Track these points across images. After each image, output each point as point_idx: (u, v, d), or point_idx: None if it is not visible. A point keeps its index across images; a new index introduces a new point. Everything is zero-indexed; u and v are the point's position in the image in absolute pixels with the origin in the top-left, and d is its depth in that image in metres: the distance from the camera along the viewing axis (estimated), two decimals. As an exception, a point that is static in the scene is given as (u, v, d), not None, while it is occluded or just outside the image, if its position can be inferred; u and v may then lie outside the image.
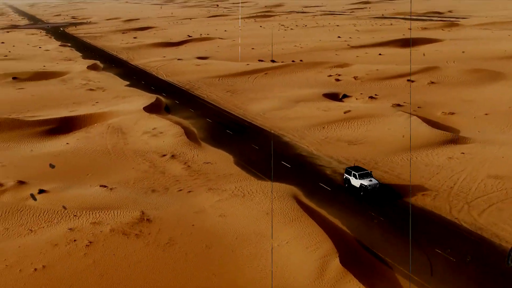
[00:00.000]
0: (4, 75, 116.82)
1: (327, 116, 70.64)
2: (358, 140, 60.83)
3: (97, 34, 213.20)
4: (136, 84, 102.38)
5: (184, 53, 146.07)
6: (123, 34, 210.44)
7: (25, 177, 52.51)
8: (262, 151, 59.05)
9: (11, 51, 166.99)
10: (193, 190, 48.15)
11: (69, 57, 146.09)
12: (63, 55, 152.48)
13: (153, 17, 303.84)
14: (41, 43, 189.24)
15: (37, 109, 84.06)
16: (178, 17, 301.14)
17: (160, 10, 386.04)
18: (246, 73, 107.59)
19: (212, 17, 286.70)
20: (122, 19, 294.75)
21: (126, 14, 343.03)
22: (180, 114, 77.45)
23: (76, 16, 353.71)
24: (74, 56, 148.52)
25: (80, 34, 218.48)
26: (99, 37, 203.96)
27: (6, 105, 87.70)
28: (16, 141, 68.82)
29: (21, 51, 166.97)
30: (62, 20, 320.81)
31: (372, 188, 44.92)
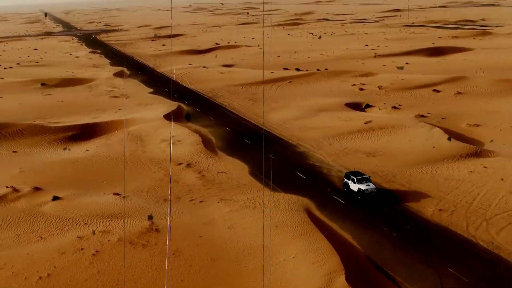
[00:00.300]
0: (34, 81, 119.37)
1: (347, 126, 69.47)
2: (377, 151, 59.50)
3: (127, 41, 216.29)
4: (159, 92, 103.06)
5: (210, 60, 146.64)
6: (152, 42, 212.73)
7: (42, 184, 53.13)
8: (278, 161, 58.31)
9: (42, 58, 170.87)
10: (205, 200, 47.76)
11: (97, 64, 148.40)
12: (92, 61, 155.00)
13: (183, 25, 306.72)
14: (72, 49, 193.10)
15: (62, 115, 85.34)
16: (208, 24, 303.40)
17: (191, 18, 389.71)
18: (270, 82, 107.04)
19: (242, 25, 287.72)
20: (153, 26, 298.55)
21: (157, 21, 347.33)
22: (200, 122, 77.40)
23: (108, 24, 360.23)
24: (102, 63, 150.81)
25: (111, 41, 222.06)
26: (128, 44, 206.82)
27: (32, 110, 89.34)
28: (38, 147, 69.90)
29: (52, 57, 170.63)
30: (94, 27, 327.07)
31: (370, 192, 45.84)
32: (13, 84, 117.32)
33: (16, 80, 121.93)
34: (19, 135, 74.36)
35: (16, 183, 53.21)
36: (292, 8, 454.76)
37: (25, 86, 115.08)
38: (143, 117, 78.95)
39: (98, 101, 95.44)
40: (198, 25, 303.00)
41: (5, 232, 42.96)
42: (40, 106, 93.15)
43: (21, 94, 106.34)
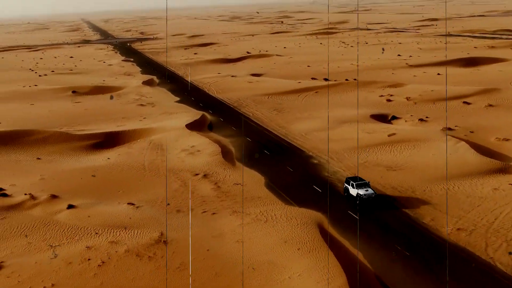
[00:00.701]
0: (66, 88, 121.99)
1: (370, 138, 67.94)
2: (398, 165, 57.83)
3: (160, 50, 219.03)
4: (185, 101, 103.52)
5: (240, 69, 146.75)
6: (185, 50, 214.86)
7: (60, 191, 53.68)
8: (296, 173, 57.40)
9: (77, 65, 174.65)
10: (217, 213, 47.22)
11: (129, 72, 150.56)
12: (124, 70, 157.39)
13: (218, 33, 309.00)
14: (106, 58, 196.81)
15: (88, 123, 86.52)
16: (241, 33, 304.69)
17: (225, 27, 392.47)
18: (297, 91, 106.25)
19: (275, 34, 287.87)
20: (187, 35, 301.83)
21: (191, 30, 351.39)
22: (222, 132, 77.15)
23: (144, 32, 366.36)
24: (134, 71, 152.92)
25: (145, 50, 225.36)
26: (161, 52, 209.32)
27: (60, 118, 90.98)
28: (61, 154, 70.90)
29: (86, 65, 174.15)
30: (130, 36, 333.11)
31: (368, 197, 47.19)
32: (46, 92, 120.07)
33: (49, 87, 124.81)
34: (44, 142, 75.66)
35: (34, 190, 53.92)
36: (327, 17, 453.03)
37: (57, 94, 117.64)
38: (165, 126, 79.25)
39: (124, 109, 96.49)
40: (231, 33, 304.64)
41: (18, 239, 43.37)
42: (68, 114, 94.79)
43: (52, 101, 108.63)
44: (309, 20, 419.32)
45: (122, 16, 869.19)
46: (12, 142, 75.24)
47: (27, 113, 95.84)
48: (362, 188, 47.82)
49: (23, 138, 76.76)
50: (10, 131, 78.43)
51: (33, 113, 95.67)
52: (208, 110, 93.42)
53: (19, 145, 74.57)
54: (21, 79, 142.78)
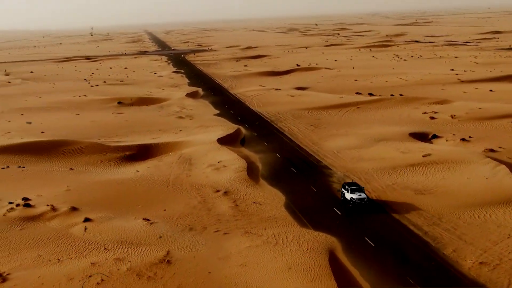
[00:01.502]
0: (112, 99, 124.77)
1: (403, 159, 64.84)
2: (428, 189, 54.59)
3: (211, 62, 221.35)
4: (224, 114, 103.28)
5: (286, 83, 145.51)
6: (236, 62, 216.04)
7: (81, 203, 54.14)
8: (319, 194, 55.34)
9: (129, 76, 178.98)
10: (229, 232, 45.99)
11: (176, 84, 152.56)
12: (172, 81, 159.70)
13: (271, 46, 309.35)
14: (158, 69, 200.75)
15: (125, 134, 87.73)
16: (295, 45, 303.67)
17: (281, 39, 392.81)
18: (338, 106, 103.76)
19: (329, 46, 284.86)
20: (241, 47, 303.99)
21: (246, 42, 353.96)
22: (252, 148, 76.05)
23: (200, 43, 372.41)
24: (181, 83, 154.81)
25: (197, 61, 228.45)
26: (212, 64, 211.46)
27: (100, 128, 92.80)
28: (94, 166, 71.97)
29: (138, 76, 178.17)
30: (187, 47, 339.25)
31: (360, 201, 49.71)
32: (93, 102, 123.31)
33: (97, 98, 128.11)
34: (80, 152, 77.20)
35: (57, 201, 54.68)
36: (385, 29, 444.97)
37: (103, 104, 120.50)
38: (198, 140, 79.02)
39: (163, 121, 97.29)
40: (285, 46, 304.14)
41: (30, 251, 43.80)
42: (109, 124, 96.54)
43: (96, 112, 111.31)
44: (366, 33, 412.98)
45: (183, 28, 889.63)
46: (50, 152, 77.26)
47: (70, 123, 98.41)
48: (355, 192, 50.44)
49: (61, 148, 78.69)
50: (49, 141, 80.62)
51: (76, 123, 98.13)
52: (245, 124, 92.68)
53: (56, 155, 76.44)
54: (74, 89, 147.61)
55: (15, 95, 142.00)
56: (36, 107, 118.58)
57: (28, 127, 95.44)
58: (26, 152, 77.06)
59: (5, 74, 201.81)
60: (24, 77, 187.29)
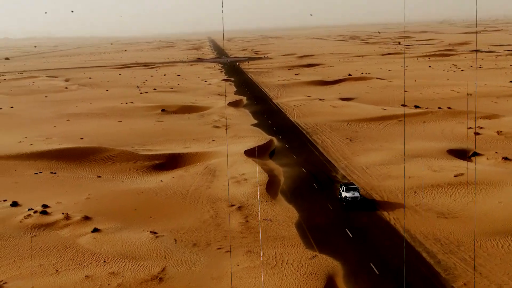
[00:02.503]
0: (156, 107, 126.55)
1: (433, 178, 61.10)
2: (453, 212, 50.95)
3: (264, 70, 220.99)
4: (262, 124, 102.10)
5: (332, 92, 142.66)
6: (288, 71, 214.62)
7: (95, 213, 54.46)
8: (335, 212, 52.92)
9: (179, 84, 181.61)
10: (232, 251, 44.58)
11: (222, 92, 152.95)
12: (220, 89, 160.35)
13: (328, 54, 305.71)
14: (209, 76, 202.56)
15: (159, 143, 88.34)
16: (352, 54, 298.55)
17: (340, 47, 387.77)
18: (379, 119, 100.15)
19: (386, 55, 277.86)
20: (297, 55, 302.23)
21: (304, 50, 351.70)
22: (280, 160, 74.32)
23: (258, 51, 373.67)
24: (228, 91, 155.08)
25: (250, 69, 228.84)
26: (264, 72, 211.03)
27: (137, 136, 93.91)
28: (122, 174, 72.66)
29: (189, 84, 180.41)
30: (243, 55, 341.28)
31: (352, 200, 53.23)
32: (138, 109, 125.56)
33: (143, 105, 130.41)
34: (111, 160, 78.30)
35: (73, 210, 55.30)
36: (449, 38, 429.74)
37: (147, 111, 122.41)
38: (224, 151, 77.97)
39: (199, 131, 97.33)
40: (342, 54, 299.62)
41: (34, 260, 44.18)
42: (146, 132, 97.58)
43: (138, 119, 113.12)
44: (429, 41, 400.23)
45: (246, 35, 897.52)
46: (82, 159, 78.84)
47: (110, 130, 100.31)
48: (350, 191, 54.05)
49: (94, 155, 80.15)
50: (83, 148, 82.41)
51: (116, 130, 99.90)
52: (279, 135, 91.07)
53: (88, 162, 77.88)
54: (123, 95, 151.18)
55: (68, 100, 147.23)
56: (83, 113, 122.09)
57: (69, 133, 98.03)
58: (60, 158, 79.00)
59: (65, 80, 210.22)
60: (81, 83, 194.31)
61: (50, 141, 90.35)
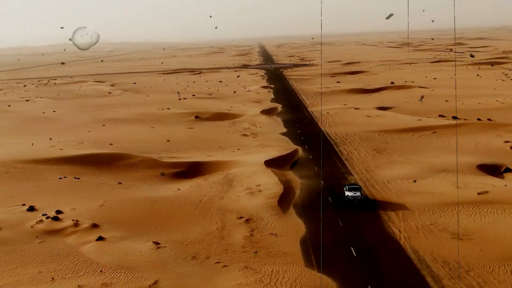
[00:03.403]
0: (191, 113, 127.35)
1: (455, 195, 57.82)
2: (469, 233, 47.98)
3: (306, 77, 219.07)
4: (290, 133, 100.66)
5: (370, 101, 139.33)
6: (331, 78, 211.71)
7: (104, 220, 54.76)
8: (344, 229, 50.94)
9: (219, 90, 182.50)
10: (228, 266, 43.59)
11: (259, 99, 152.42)
12: (257, 96, 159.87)
13: (375, 61, 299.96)
14: (250, 83, 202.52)
15: (185, 150, 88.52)
16: (399, 61, 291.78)
17: (388, 54, 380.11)
18: (413, 130, 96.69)
19: (435, 63, 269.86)
20: (342, 62, 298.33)
21: (351, 57, 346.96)
22: (300, 172, 72.69)
23: (304, 58, 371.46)
24: (264, 99, 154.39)
25: (292, 76, 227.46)
26: (305, 80, 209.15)
27: (165, 143, 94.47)
28: (142, 181, 73.03)
29: (228, 90, 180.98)
30: (289, 62, 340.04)
31: (354, 198, 56.90)
32: (172, 115, 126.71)
33: (178, 111, 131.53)
34: (134, 167, 78.96)
35: (84, 217, 55.79)
36: (505, 45, 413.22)
37: (181, 118, 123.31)
38: (248, 160, 77.31)
39: (226, 138, 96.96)
40: (389, 61, 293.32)
41: (35, 267, 44.61)
42: (175, 139, 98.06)
43: (171, 125, 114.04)
44: (483, 48, 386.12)
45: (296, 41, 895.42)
46: (107, 164, 79.90)
47: (140, 136, 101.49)
48: (352, 191, 57.86)
49: (119, 161, 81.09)
50: (109, 154, 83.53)
51: (146, 137, 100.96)
52: (306, 145, 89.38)
53: (112, 168, 78.84)
54: (162, 101, 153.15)
55: (108, 105, 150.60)
56: (119, 118, 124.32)
57: (100, 138, 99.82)
58: (86, 163, 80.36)
59: (111, 85, 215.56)
60: (124, 88, 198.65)
61: (80, 146, 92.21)
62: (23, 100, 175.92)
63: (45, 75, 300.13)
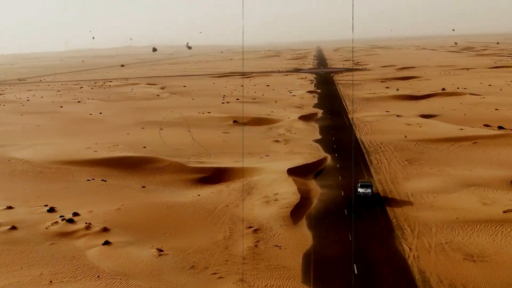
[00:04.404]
0: (230, 117, 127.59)
1: (479, 212, 54.58)
2: (484, 255, 44.84)
3: (355, 82, 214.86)
4: (324, 140, 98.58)
5: (415, 108, 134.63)
6: (381, 83, 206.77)
7: (117, 225, 55.29)
8: (350, 244, 48.86)
9: (264, 94, 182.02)
10: (224, 277, 42.79)
11: (302, 105, 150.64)
12: (300, 102, 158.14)
13: (431, 66, 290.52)
14: (297, 88, 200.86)
15: (214, 155, 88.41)
16: (456, 66, 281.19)
17: (447, 59, 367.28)
18: (452, 140, 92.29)
19: (494, 68, 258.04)
20: (397, 67, 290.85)
21: (407, 61, 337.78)
22: (323, 181, 70.78)
23: (359, 62, 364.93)
24: (307, 104, 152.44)
25: (341, 81, 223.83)
26: (355, 85, 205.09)
27: (197, 147, 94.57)
28: (165, 185, 73.52)
29: (272, 95, 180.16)
30: (342, 66, 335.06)
31: (364, 195, 61.29)
32: (211, 119, 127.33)
33: (218, 115, 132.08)
34: (160, 171, 79.68)
35: (98, 220, 56.57)
36: None
37: (219, 122, 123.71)
38: (271, 167, 76.18)
39: (258, 144, 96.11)
40: (446, 67, 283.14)
41: (37, 269, 45.44)
42: (207, 144, 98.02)
43: (207, 129, 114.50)
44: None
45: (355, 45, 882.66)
46: (134, 168, 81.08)
47: (174, 140, 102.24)
48: (363, 188, 61.96)
49: (146, 165, 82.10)
50: (138, 157, 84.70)
51: (179, 140, 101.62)
52: (336, 153, 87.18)
53: (139, 171, 79.90)
54: (205, 105, 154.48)
55: (153, 108, 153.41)
56: (160, 121, 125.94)
57: (136, 141, 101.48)
58: (116, 166, 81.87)
59: (161, 88, 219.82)
60: (173, 91, 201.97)
61: (114, 148, 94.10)
62: (75, 101, 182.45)
63: (103, 77, 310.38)
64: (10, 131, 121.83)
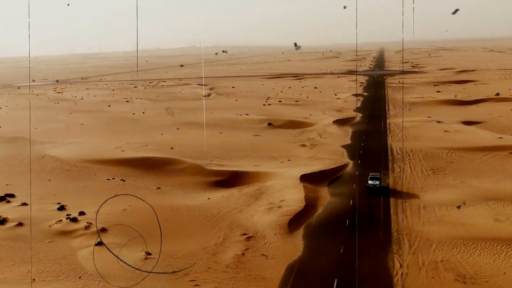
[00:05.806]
0: (266, 120, 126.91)
1: (488, 229, 51.06)
2: (479, 277, 41.74)
3: (406, 85, 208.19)
4: (352, 146, 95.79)
5: (460, 114, 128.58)
6: (433, 87, 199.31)
7: (116, 226, 55.88)
8: (343, 259, 46.91)
9: (309, 97, 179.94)
10: (200, 285, 42.27)
11: (342, 108, 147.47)
12: (342, 105, 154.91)
13: (493, 69, 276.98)
14: (344, 90, 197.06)
15: (238, 158, 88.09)
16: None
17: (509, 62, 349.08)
18: (488, 149, 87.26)
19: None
20: (455, 70, 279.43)
21: (468, 64, 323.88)
22: (335, 189, 68.66)
23: (417, 64, 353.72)
24: (348, 107, 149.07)
25: (392, 84, 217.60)
26: (405, 88, 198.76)
27: (222, 149, 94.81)
28: (181, 187, 73.92)
29: (317, 97, 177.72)
30: (399, 68, 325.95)
31: (373, 186, 65.89)
32: (247, 121, 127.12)
33: (254, 117, 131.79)
34: (179, 172, 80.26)
35: (101, 220, 57.29)
36: None
37: (254, 124, 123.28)
38: (286, 172, 74.83)
39: (283, 148, 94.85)
40: (508, 70, 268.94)
41: (27, 266, 46.56)
42: (233, 146, 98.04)
43: (239, 131, 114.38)
44: None
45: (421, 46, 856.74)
46: (155, 168, 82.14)
47: (203, 141, 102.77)
48: (372, 180, 66.94)
49: (168, 166, 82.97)
50: (160, 158, 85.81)
51: (208, 142, 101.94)
52: (360, 159, 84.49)
53: (158, 172, 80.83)
54: (246, 106, 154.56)
55: (194, 109, 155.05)
56: (195, 122, 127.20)
57: (166, 142, 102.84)
58: (138, 166, 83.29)
59: (210, 89, 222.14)
60: (219, 92, 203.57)
61: (142, 149, 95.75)
62: (124, 100, 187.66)
63: (160, 77, 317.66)
64: (55, 129, 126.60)
